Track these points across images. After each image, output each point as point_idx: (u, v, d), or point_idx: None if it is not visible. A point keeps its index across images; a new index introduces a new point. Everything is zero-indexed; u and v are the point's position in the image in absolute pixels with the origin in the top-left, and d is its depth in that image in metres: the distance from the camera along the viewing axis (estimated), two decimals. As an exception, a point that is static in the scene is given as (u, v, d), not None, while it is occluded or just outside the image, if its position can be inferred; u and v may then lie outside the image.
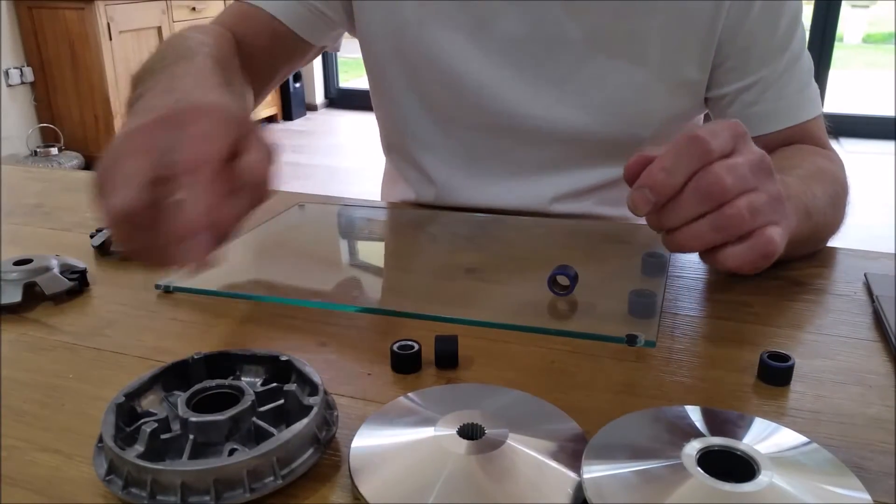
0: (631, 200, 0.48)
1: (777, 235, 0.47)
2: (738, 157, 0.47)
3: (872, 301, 0.61)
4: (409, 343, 0.52)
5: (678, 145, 0.47)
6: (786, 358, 0.50)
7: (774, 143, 0.78)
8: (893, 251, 0.71)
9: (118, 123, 3.62)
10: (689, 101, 0.81)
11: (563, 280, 0.59)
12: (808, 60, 0.80)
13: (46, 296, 0.62)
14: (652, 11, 0.76)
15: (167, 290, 0.64)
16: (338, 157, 4.21)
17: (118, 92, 3.60)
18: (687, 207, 0.47)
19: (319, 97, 5.15)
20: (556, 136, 0.82)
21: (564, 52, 0.78)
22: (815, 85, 0.81)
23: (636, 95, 0.78)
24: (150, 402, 0.45)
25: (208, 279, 0.66)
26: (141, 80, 0.64)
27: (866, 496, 0.37)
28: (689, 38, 0.76)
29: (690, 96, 0.81)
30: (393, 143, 0.94)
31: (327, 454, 0.42)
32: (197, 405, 0.43)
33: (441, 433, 0.41)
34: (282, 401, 0.43)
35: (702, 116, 0.89)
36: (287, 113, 4.82)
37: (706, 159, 0.46)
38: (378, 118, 0.95)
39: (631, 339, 0.54)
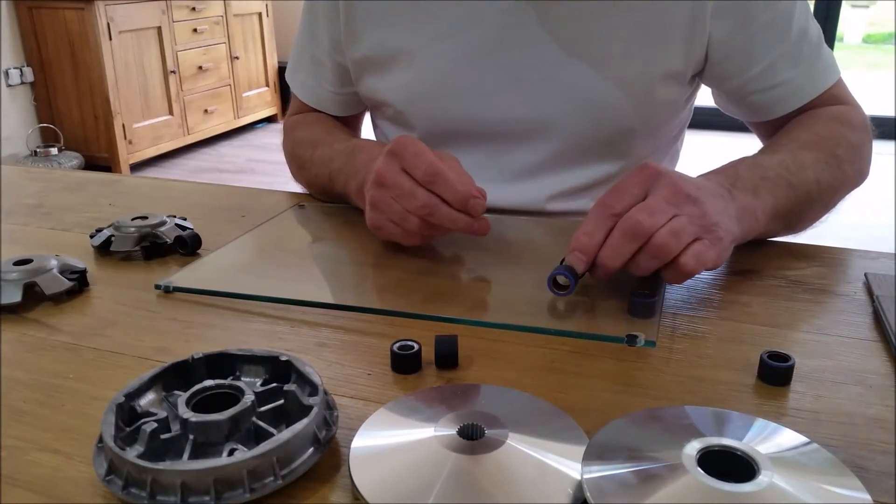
0: (570, 262, 0.58)
1: (703, 248, 0.56)
2: (651, 197, 0.57)
3: (872, 301, 0.61)
4: (409, 343, 0.52)
5: (592, 212, 0.58)
6: (786, 358, 0.50)
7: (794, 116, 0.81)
8: (893, 251, 0.71)
9: (118, 123, 3.62)
10: (676, 90, 0.82)
11: (563, 280, 0.59)
12: (815, 29, 0.81)
13: (46, 296, 0.62)
14: (629, 10, 0.76)
15: (167, 290, 0.64)
16: (338, 157, 4.21)
17: (118, 92, 3.60)
18: (620, 248, 0.56)
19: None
20: (550, 136, 0.82)
21: (547, 53, 0.79)
22: (826, 50, 0.82)
23: (623, 91, 0.79)
24: (150, 402, 0.45)
25: (208, 279, 0.66)
26: (312, 163, 0.87)
27: (866, 496, 0.37)
28: (671, 33, 0.77)
29: (677, 85, 0.82)
30: None
31: (327, 454, 0.42)
32: (197, 405, 0.43)
33: (441, 433, 0.41)
34: (282, 401, 0.43)
35: (693, 102, 0.89)
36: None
37: (613, 214, 0.57)
38: (376, 131, 0.97)
39: (631, 340, 0.54)
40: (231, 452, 0.40)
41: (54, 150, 3.59)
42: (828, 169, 0.74)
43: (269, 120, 4.77)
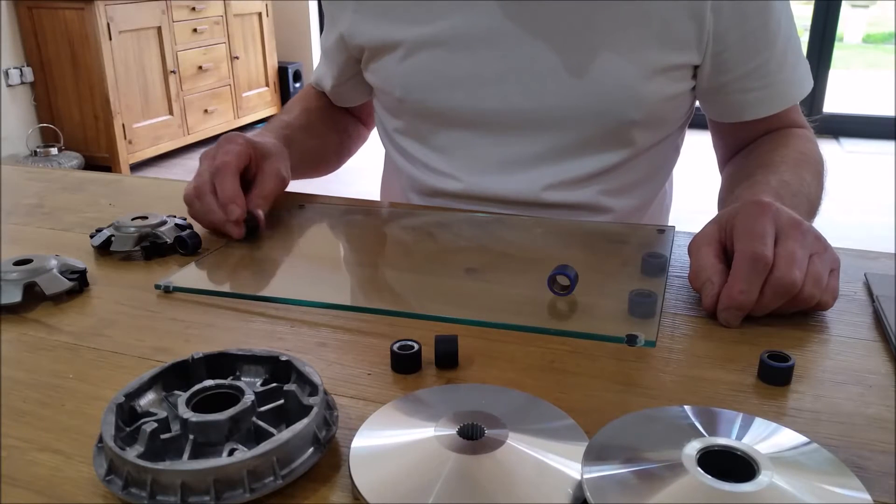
0: (724, 320, 0.57)
1: (834, 282, 0.58)
2: (786, 243, 0.56)
3: (872, 301, 0.61)
4: (409, 343, 0.52)
5: (743, 266, 0.56)
6: (786, 358, 0.50)
7: (763, 126, 0.85)
8: (893, 251, 0.71)
9: (118, 123, 3.62)
10: (678, 83, 0.83)
11: (563, 280, 0.59)
12: (797, 38, 0.84)
13: (46, 296, 0.62)
14: (631, 3, 0.77)
15: (167, 290, 0.64)
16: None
17: (118, 92, 3.60)
18: (771, 305, 0.56)
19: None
20: (549, 127, 0.83)
21: (547, 45, 0.79)
22: (804, 60, 0.86)
23: (623, 83, 0.79)
24: (150, 402, 0.45)
25: (208, 279, 0.66)
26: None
27: (866, 496, 0.37)
28: (672, 27, 0.78)
29: (679, 79, 0.82)
30: (390, 139, 0.96)
31: (327, 454, 0.42)
32: (197, 405, 0.43)
33: (441, 433, 0.41)
34: (282, 401, 0.43)
35: (695, 95, 0.90)
36: (287, 113, 4.82)
37: (768, 269, 0.55)
38: (377, 118, 0.98)
39: (631, 340, 0.54)
40: (231, 452, 0.40)
41: (54, 150, 3.59)
42: (818, 185, 0.80)
43: (269, 120, 4.76)
